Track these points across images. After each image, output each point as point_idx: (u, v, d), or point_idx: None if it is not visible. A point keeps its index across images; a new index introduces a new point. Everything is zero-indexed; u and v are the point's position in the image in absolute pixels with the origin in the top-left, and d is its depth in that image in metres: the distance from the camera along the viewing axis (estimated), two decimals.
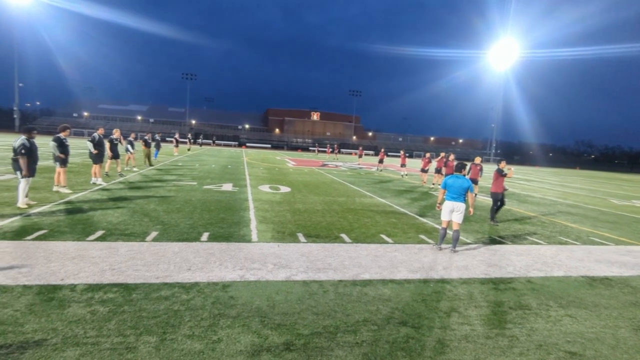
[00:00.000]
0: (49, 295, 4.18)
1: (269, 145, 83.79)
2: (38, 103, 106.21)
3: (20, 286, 4.34)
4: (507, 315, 4.57)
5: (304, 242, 7.05)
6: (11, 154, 8.38)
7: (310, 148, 72.67)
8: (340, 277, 5.40)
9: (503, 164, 10.50)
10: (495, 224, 10.11)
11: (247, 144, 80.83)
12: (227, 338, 3.58)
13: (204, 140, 66.02)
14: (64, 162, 10.34)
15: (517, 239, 8.70)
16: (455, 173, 7.20)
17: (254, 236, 7.22)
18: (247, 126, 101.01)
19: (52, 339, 3.36)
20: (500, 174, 10.21)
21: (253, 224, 8.13)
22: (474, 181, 15.15)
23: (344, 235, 7.72)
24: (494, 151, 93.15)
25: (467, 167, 7.93)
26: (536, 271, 6.37)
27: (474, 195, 7.18)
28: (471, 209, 7.24)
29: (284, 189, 14.08)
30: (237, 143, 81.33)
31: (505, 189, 10.47)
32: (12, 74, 62.47)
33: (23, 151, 8.09)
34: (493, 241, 8.24)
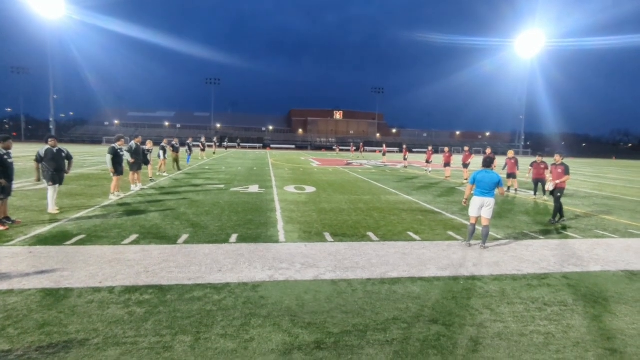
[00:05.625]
0: (90, 297, 4.38)
1: (293, 146, 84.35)
2: (72, 113, 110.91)
3: (63, 289, 4.57)
4: (542, 312, 4.45)
5: (331, 242, 7.08)
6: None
7: (333, 147, 72.73)
8: (369, 275, 5.40)
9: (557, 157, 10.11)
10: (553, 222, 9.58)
11: (272, 146, 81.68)
12: (259, 337, 3.65)
13: (229, 144, 67.10)
14: (117, 172, 10.91)
15: (550, 233, 8.43)
16: (484, 168, 7.06)
17: (282, 236, 7.31)
18: (271, 128, 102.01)
19: (94, 339, 3.52)
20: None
21: (280, 225, 8.23)
22: (513, 175, 14.74)
23: (370, 234, 7.70)
24: (523, 144, 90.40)
25: (503, 162, 7.83)
26: (572, 266, 6.16)
27: (505, 189, 7.05)
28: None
29: (309, 189, 14.16)
30: (261, 145, 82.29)
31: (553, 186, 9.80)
32: (48, 87, 65.36)
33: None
34: (525, 236, 8.02)
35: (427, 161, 24.52)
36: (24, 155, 28.69)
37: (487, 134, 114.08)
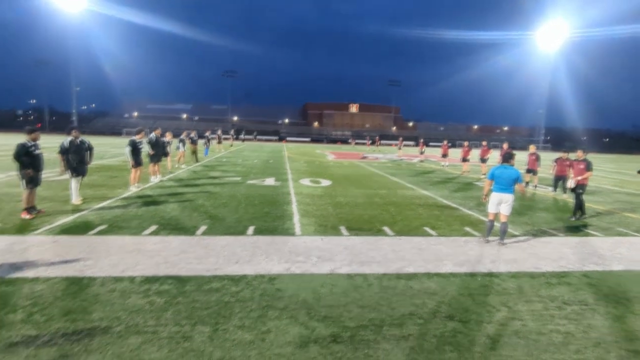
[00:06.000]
0: (112, 286, 4.50)
1: (309, 139, 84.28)
2: (93, 105, 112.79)
3: (87, 278, 4.71)
4: (561, 311, 4.39)
5: (346, 236, 7.09)
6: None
7: (349, 141, 72.57)
8: (384, 270, 5.40)
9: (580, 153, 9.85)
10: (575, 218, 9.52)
11: (287, 138, 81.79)
12: (276, 329, 3.70)
13: (245, 136, 67.57)
14: (136, 164, 11.14)
15: (570, 230, 8.27)
16: (503, 163, 6.95)
17: (298, 230, 7.35)
18: (286, 121, 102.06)
19: (116, 327, 3.63)
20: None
21: (296, 218, 8.28)
22: (532, 171, 14.48)
23: (386, 228, 7.68)
24: (542, 138, 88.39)
25: (523, 157, 7.68)
26: (593, 265, 6.04)
27: (523, 185, 6.92)
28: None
29: (325, 182, 14.18)
30: (277, 137, 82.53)
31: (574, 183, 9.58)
32: (70, 79, 66.74)
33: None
34: (543, 233, 7.89)
35: (443, 155, 24.24)
36: (47, 145, 29.48)
37: (505, 128, 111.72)
